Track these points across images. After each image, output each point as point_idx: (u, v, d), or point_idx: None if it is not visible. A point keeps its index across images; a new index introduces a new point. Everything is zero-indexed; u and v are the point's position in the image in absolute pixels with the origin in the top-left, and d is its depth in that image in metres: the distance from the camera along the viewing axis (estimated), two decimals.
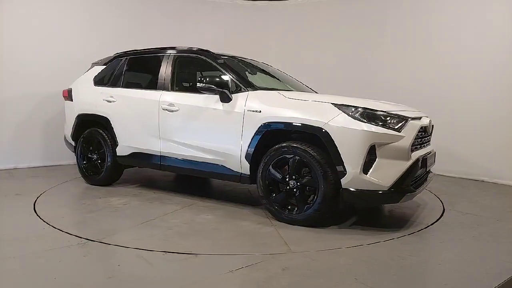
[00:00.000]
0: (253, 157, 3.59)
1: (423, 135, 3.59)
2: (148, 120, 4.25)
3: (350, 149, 3.12)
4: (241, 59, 4.56)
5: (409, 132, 3.24)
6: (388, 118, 3.21)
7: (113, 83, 4.73)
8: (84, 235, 3.06)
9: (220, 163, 3.82)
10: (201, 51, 4.22)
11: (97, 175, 4.73)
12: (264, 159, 3.53)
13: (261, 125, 3.52)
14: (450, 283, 2.37)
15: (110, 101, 4.57)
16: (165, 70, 4.31)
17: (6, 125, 5.76)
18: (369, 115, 3.20)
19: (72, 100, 4.97)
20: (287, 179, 3.42)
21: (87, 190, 4.57)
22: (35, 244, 2.88)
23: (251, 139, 3.58)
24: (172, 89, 4.24)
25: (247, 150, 3.61)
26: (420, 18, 6.23)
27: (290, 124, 3.41)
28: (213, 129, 3.83)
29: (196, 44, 4.67)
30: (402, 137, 3.17)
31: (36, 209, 3.79)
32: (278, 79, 4.64)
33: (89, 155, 4.80)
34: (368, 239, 3.08)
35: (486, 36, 5.57)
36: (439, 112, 4.47)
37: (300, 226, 3.35)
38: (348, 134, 3.13)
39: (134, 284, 2.33)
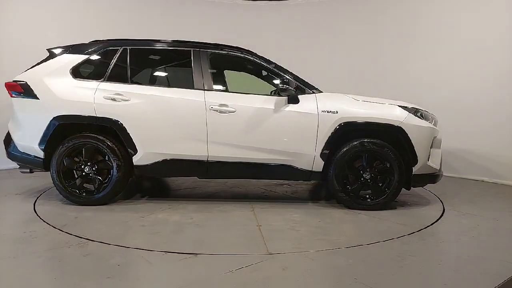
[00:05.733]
0: (329, 155, 3.84)
1: None
2: (190, 122, 3.86)
3: (422, 142, 3.83)
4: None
5: (439, 127, 4.08)
6: (430, 117, 4.01)
7: (113, 78, 3.97)
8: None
9: (287, 163, 3.87)
10: (253, 53, 4.17)
11: (92, 192, 3.90)
12: (337, 156, 3.82)
13: (340, 125, 3.78)
14: (450, 283, 2.37)
15: (117, 100, 3.84)
16: (202, 68, 3.99)
17: (6, 125, 5.74)
18: (424, 115, 3.95)
19: (36, 98, 3.89)
20: (360, 172, 3.86)
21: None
22: (35, 244, 2.88)
23: (328, 138, 3.80)
24: (217, 89, 4.12)
25: (323, 149, 3.82)
26: (421, 19, 6.24)
27: (372, 123, 3.81)
28: (281, 130, 3.84)
29: None
30: (438, 131, 4.01)
31: (36, 209, 3.79)
32: None
33: (78, 170, 3.91)
34: (368, 239, 3.08)
35: (486, 37, 5.57)
36: (439, 112, 4.48)
37: (372, 211, 3.83)
38: (420, 131, 3.83)
39: (134, 284, 2.33)
